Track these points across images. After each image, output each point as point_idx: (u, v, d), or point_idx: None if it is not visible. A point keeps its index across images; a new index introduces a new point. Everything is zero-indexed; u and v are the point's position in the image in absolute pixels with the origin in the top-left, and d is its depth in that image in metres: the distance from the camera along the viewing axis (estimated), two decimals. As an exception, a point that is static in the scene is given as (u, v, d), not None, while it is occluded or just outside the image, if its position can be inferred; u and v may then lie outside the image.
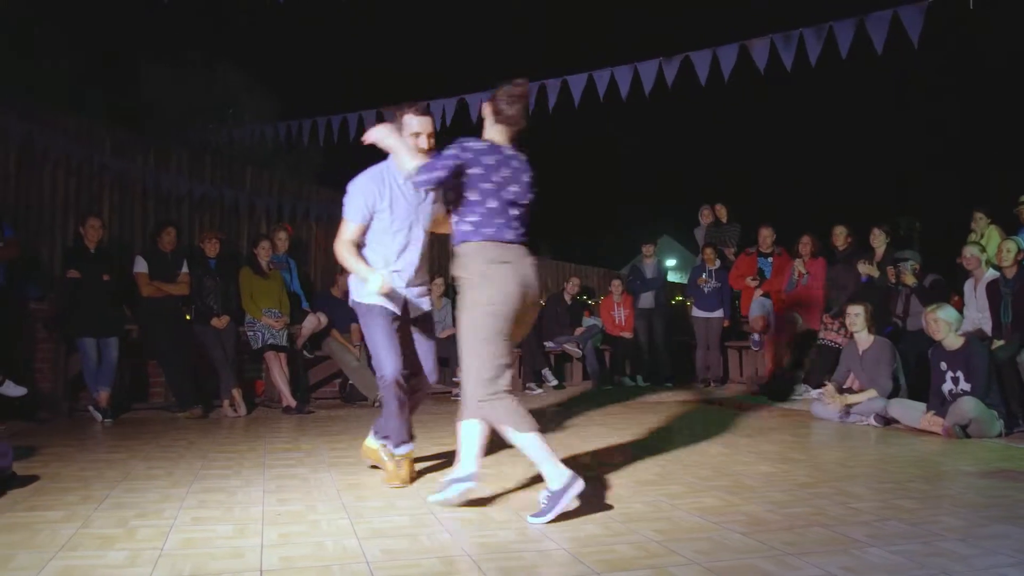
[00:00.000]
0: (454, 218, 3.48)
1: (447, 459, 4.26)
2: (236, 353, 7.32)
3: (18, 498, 3.63)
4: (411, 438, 4.12)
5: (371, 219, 3.92)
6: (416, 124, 3.81)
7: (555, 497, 3.17)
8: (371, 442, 4.21)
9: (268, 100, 12.29)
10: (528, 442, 3.27)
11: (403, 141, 3.66)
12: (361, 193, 3.89)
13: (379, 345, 3.88)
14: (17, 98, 8.05)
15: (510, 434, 3.30)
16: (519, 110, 3.47)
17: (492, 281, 3.33)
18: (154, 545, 2.88)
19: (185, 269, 7.24)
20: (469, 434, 3.44)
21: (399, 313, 4.00)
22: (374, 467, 4.25)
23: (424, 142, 3.81)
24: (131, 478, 4.11)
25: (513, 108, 3.46)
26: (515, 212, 3.47)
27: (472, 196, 3.40)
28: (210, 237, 7.57)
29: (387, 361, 3.84)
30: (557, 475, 3.22)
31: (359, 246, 3.97)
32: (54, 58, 10.34)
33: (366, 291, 3.87)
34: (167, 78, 11.48)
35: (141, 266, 7.05)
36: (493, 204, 3.40)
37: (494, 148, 3.45)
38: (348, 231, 3.92)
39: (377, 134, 3.69)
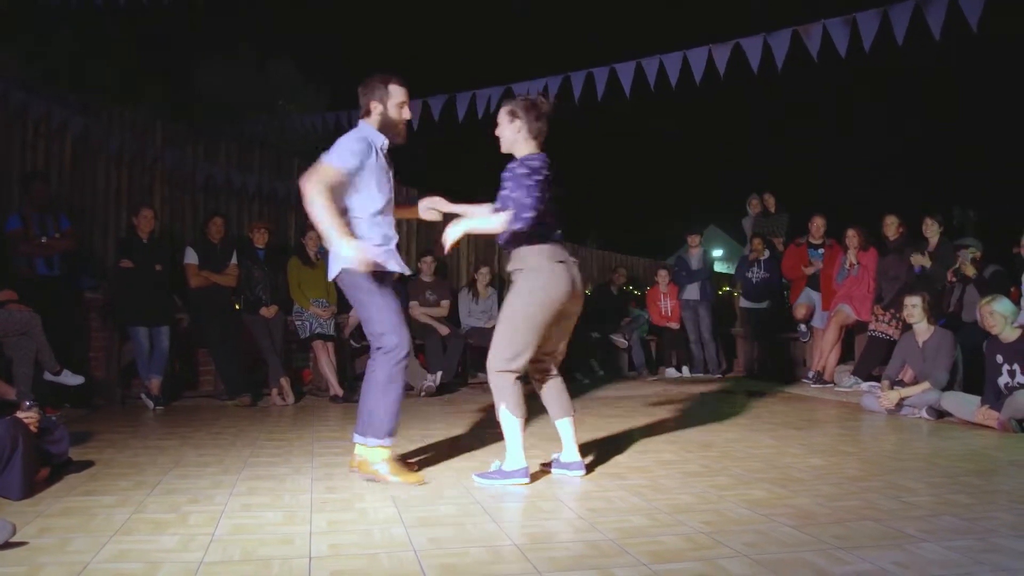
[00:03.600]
0: (509, 219, 3.61)
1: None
2: (284, 342, 7.41)
3: (75, 483, 3.72)
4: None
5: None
6: (401, 94, 3.87)
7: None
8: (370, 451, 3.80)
9: (318, 92, 12.36)
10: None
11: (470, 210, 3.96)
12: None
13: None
14: (73, 92, 8.21)
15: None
16: (546, 123, 3.78)
17: (555, 276, 3.67)
18: (205, 531, 2.93)
19: (234, 261, 7.34)
20: (511, 428, 3.72)
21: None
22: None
23: (407, 112, 3.92)
24: (183, 465, 4.18)
25: (543, 122, 3.76)
26: (555, 214, 3.76)
27: (540, 205, 3.60)
28: (258, 227, 7.66)
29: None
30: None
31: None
32: (111, 53, 10.51)
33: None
34: (220, 71, 11.60)
35: (191, 257, 7.16)
36: (549, 209, 3.69)
37: (545, 159, 3.72)
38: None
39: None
